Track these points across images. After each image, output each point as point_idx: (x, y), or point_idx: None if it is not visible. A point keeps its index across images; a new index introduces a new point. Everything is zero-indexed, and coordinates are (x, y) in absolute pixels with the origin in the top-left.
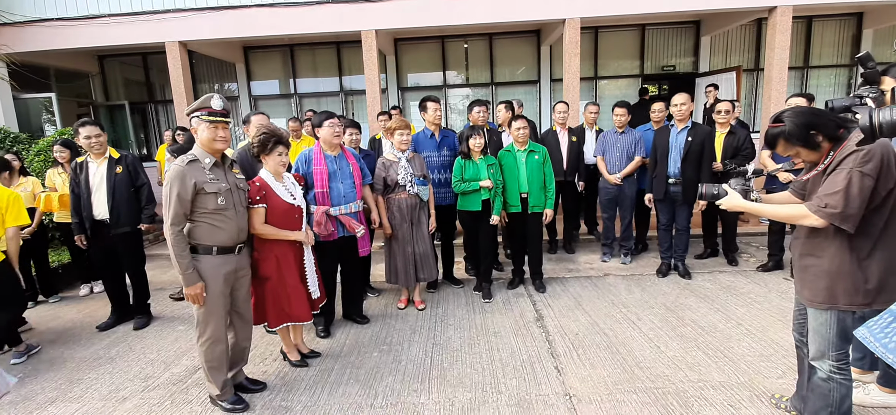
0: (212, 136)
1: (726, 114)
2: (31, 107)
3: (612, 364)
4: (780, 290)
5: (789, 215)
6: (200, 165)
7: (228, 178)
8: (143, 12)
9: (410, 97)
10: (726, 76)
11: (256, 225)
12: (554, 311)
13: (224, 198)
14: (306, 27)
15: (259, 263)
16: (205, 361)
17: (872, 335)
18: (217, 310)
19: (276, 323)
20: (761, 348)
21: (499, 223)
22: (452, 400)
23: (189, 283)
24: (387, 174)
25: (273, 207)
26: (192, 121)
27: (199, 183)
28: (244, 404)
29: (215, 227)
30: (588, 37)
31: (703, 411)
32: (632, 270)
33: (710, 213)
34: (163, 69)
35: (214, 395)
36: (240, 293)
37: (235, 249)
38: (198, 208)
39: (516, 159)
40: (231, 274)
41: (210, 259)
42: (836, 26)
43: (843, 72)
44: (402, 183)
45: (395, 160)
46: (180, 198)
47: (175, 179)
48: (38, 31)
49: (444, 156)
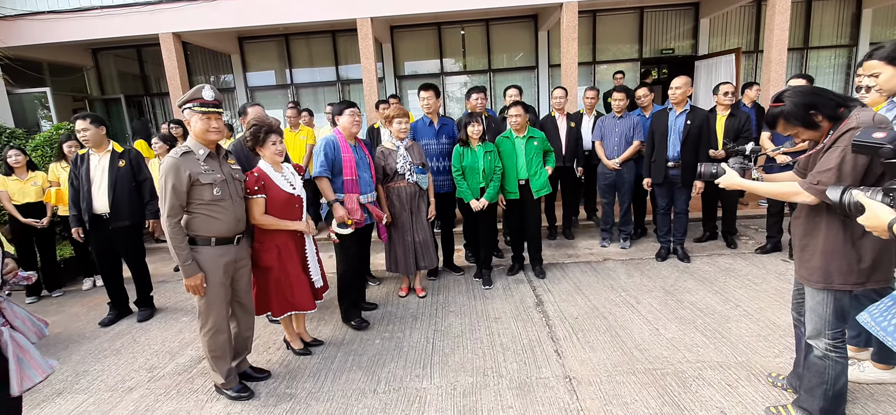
0: (205, 127)
1: (727, 95)
2: (25, 102)
3: (612, 347)
4: (779, 271)
5: (782, 193)
6: (194, 156)
7: (224, 168)
8: (136, 3)
9: (408, 85)
10: (725, 58)
11: (256, 215)
12: (554, 296)
13: (220, 188)
14: (300, 16)
15: (260, 253)
16: (208, 351)
17: (873, 319)
18: (218, 300)
19: (279, 312)
20: (759, 329)
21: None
22: (454, 384)
23: (189, 274)
24: (386, 163)
25: (273, 198)
26: (184, 112)
27: (194, 174)
28: (249, 391)
29: (212, 218)
30: (586, 21)
31: (700, 390)
32: (631, 255)
33: (710, 195)
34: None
35: (219, 383)
36: (241, 283)
37: (234, 240)
38: (194, 200)
39: (515, 146)
40: (231, 264)
41: (209, 250)
42: (835, 6)
43: (843, 52)
44: (401, 171)
45: (394, 149)
46: (175, 190)
47: (169, 170)
48: (30, 25)
49: (443, 144)
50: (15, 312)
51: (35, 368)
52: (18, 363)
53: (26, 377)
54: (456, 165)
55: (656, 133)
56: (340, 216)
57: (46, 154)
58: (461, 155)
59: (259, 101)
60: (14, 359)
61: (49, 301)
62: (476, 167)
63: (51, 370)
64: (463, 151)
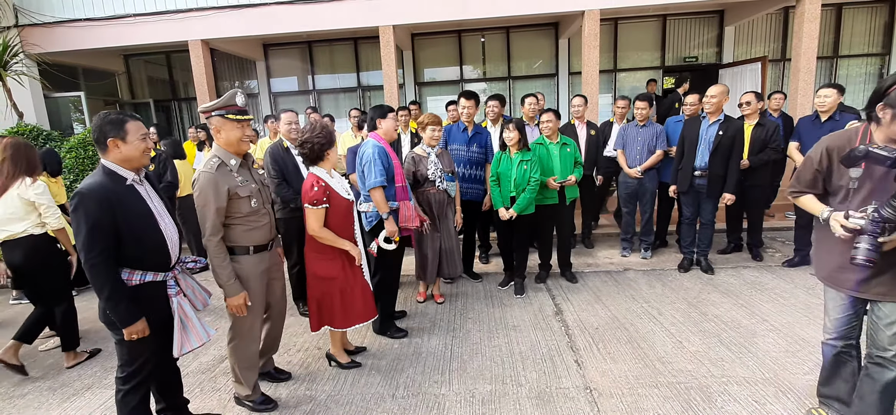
0: (239, 135)
1: (748, 105)
2: (60, 105)
3: (634, 359)
4: (807, 286)
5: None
6: (227, 168)
7: (255, 176)
8: (168, 12)
9: (427, 92)
10: (751, 67)
11: (314, 227)
12: (573, 305)
13: (256, 199)
14: (325, 23)
15: (320, 261)
16: (237, 361)
17: None
18: (255, 312)
19: (344, 324)
20: (787, 345)
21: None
22: (473, 392)
23: (232, 293)
24: (416, 169)
25: (336, 206)
26: (213, 119)
27: (232, 188)
28: (273, 403)
29: (251, 228)
30: (607, 28)
31: (726, 406)
32: (652, 265)
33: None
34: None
35: (243, 395)
36: (276, 288)
37: (269, 246)
38: (232, 213)
39: (550, 152)
40: (266, 272)
41: (247, 259)
42: (867, 14)
43: (875, 61)
44: (432, 178)
45: (425, 155)
46: (218, 209)
47: (208, 188)
48: (67, 32)
49: (473, 152)
50: (188, 282)
51: (195, 335)
52: (183, 329)
53: (187, 342)
54: (493, 170)
55: (686, 140)
56: (392, 231)
57: (79, 156)
58: (498, 160)
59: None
60: (178, 325)
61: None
62: (508, 175)
63: (208, 338)
64: (501, 156)
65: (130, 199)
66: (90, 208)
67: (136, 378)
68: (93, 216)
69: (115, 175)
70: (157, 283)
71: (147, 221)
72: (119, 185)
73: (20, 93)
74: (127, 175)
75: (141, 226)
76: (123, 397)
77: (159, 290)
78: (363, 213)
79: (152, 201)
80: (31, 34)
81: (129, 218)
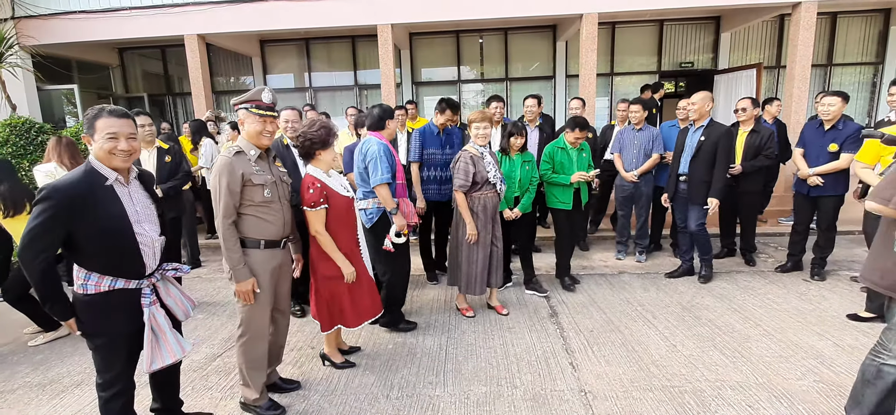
0: (260, 129)
1: (744, 111)
2: (53, 98)
3: (628, 362)
4: (799, 291)
5: None
6: (246, 156)
7: (273, 170)
8: (164, 5)
9: (424, 92)
10: (746, 73)
11: (317, 228)
12: (568, 307)
13: (270, 190)
14: (323, 21)
15: (326, 260)
16: (245, 361)
17: None
18: (262, 307)
19: (355, 323)
20: (780, 350)
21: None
22: (468, 393)
23: (240, 278)
24: (476, 170)
25: (335, 206)
26: (239, 112)
27: (247, 174)
28: (281, 408)
29: (262, 220)
30: (605, 32)
31: (720, 410)
32: (647, 269)
33: (728, 211)
34: (181, 62)
35: (250, 399)
36: (283, 289)
37: (281, 243)
38: (245, 200)
39: (571, 157)
40: (276, 270)
41: (258, 253)
42: (861, 23)
43: (868, 70)
44: (492, 180)
45: (480, 155)
46: (230, 189)
47: (223, 170)
48: (63, 24)
49: (447, 154)
50: (169, 290)
51: (168, 349)
52: (155, 342)
53: (159, 357)
54: None
55: (677, 148)
56: (402, 225)
57: None
58: (500, 163)
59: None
60: (149, 337)
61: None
62: (513, 176)
63: (183, 354)
64: (502, 158)
65: (106, 200)
66: (46, 207)
67: (113, 387)
68: (45, 215)
69: (94, 173)
70: (130, 290)
71: (119, 224)
72: (96, 184)
73: (13, 85)
74: (108, 175)
75: (111, 228)
76: (105, 404)
77: (132, 298)
78: (362, 210)
79: (133, 205)
80: (26, 26)
81: (100, 219)
